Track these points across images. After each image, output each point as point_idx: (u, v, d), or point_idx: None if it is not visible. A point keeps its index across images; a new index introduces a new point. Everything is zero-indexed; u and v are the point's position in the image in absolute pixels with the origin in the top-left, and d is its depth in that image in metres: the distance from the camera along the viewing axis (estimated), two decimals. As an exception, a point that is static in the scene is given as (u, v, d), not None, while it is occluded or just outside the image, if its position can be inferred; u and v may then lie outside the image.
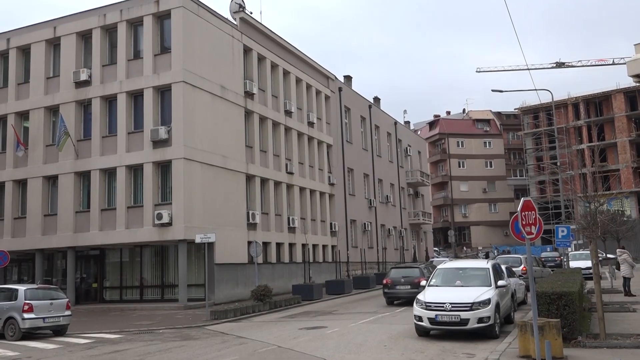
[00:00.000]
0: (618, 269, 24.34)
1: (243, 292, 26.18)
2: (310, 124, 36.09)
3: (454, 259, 31.07)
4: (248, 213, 28.46)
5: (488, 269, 14.70)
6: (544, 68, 76.33)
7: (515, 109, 77.87)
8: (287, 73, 34.22)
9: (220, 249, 25.51)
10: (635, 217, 57.29)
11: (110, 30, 27.43)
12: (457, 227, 75.69)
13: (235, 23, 30.08)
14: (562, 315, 11.60)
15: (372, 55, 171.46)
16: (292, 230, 32.64)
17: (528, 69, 62.67)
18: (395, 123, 52.01)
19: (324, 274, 33.85)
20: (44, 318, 17.09)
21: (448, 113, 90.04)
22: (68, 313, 17.81)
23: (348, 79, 45.61)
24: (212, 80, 26.89)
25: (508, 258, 27.43)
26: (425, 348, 12.37)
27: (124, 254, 27.89)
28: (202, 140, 25.83)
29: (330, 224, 37.12)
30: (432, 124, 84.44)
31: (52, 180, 28.00)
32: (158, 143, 25.10)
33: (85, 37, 28.01)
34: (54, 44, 28.77)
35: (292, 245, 32.78)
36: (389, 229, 47.30)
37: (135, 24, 26.92)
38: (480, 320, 12.92)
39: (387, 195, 47.46)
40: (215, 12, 28.16)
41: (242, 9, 30.74)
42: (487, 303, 13.07)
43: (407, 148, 54.11)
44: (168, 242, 25.45)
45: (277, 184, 31.93)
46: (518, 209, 10.33)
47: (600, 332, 12.01)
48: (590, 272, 17.16)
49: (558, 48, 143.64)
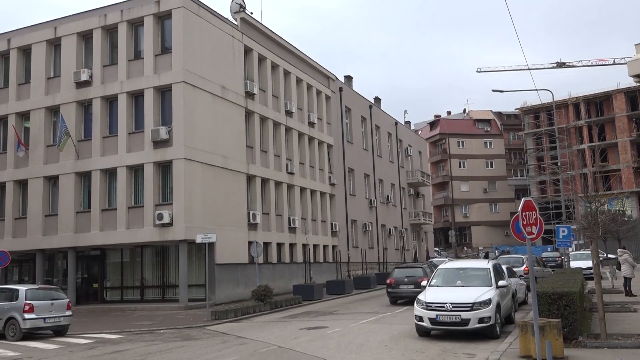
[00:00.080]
0: (619, 269, 24.31)
1: (244, 292, 26.20)
2: (311, 124, 36.10)
3: (454, 259, 31.00)
4: (249, 213, 28.47)
5: (489, 269, 14.70)
6: (545, 68, 76.36)
7: (516, 109, 77.85)
8: (287, 73, 34.23)
9: (221, 249, 25.52)
10: (636, 217, 57.24)
11: (111, 31, 27.45)
12: (457, 227, 75.63)
13: (236, 23, 30.09)
14: (563, 316, 11.60)
15: (372, 55, 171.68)
16: (292, 231, 32.65)
17: (529, 69, 62.66)
18: (396, 123, 52.00)
19: (325, 274, 33.86)
20: (45, 318, 17.10)
21: (449, 113, 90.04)
22: (69, 313, 17.83)
23: (349, 79, 45.61)
24: (212, 81, 26.90)
25: (509, 258, 27.44)
26: (426, 348, 12.37)
27: (125, 254, 27.91)
28: (202, 141, 25.84)
29: (331, 224, 37.12)
30: (432, 124, 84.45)
31: (52, 181, 28.01)
32: (159, 143, 25.12)
33: (86, 37, 28.03)
34: (55, 44, 28.79)
35: (292, 246, 32.79)
36: (390, 229, 47.29)
37: (136, 24, 26.94)
38: (481, 321, 12.91)
39: (387, 196, 47.45)
40: (216, 12, 28.17)
41: (242, 9, 30.74)
42: (487, 303, 13.06)
43: (407, 148, 54.11)
44: (169, 242, 25.47)
45: (277, 184, 31.94)
46: (519, 209, 10.33)
47: (601, 332, 12.00)
48: (591, 272, 17.15)
49: (558, 49, 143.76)
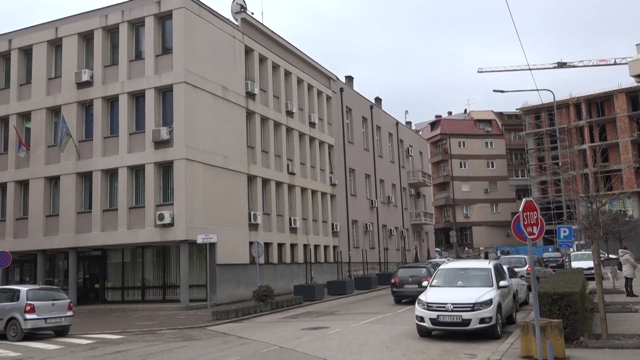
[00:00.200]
0: (620, 270, 24.29)
1: (245, 292, 26.20)
2: (312, 125, 36.10)
3: (453, 259, 30.99)
4: (249, 213, 28.47)
5: (490, 270, 14.68)
6: (546, 68, 76.23)
7: (517, 109, 77.74)
8: (288, 74, 34.23)
9: (222, 250, 25.52)
10: (638, 217, 57.20)
11: (112, 31, 27.47)
12: (458, 227, 75.60)
13: (237, 24, 30.09)
14: (564, 316, 11.60)
15: (372, 56, 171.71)
16: (293, 231, 32.65)
17: (529, 69, 62.55)
18: (397, 123, 51.98)
19: (326, 275, 33.85)
20: (46, 319, 17.12)
21: (449, 113, 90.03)
22: (70, 314, 17.83)
23: (349, 80, 45.60)
24: (213, 81, 26.91)
25: (511, 258, 27.42)
26: (427, 348, 12.36)
27: (126, 255, 27.94)
28: (203, 141, 25.85)
29: (332, 225, 37.12)
30: (433, 125, 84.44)
31: (53, 181, 28.03)
32: (159, 144, 25.12)
33: (87, 37, 28.05)
34: (56, 45, 28.81)
35: (293, 246, 32.78)
36: (391, 230, 47.28)
37: (137, 25, 26.95)
38: (482, 321, 12.89)
39: (388, 196, 47.44)
40: (217, 12, 28.18)
41: (243, 10, 30.74)
42: (489, 303, 13.05)
43: (408, 148, 54.09)
44: (170, 242, 25.48)
45: (278, 185, 31.94)
46: (520, 210, 10.32)
47: (603, 332, 11.99)
48: (592, 272, 17.14)
49: (558, 49, 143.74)
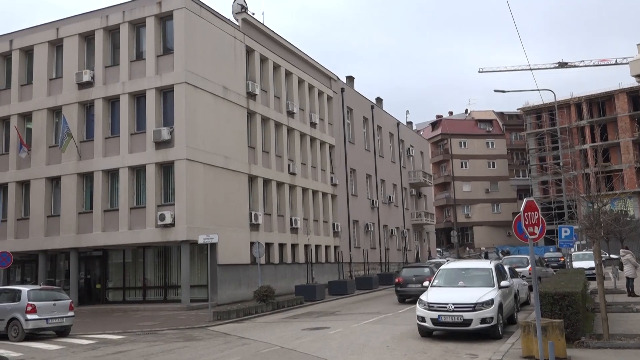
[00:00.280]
0: (621, 270, 24.28)
1: (246, 292, 26.21)
2: (313, 125, 36.10)
3: (454, 260, 30.94)
4: (250, 214, 28.47)
5: (491, 270, 14.66)
6: (547, 68, 76.17)
7: (518, 109, 77.68)
8: (289, 74, 34.24)
9: (223, 250, 25.52)
10: (639, 217, 57.12)
11: (113, 32, 27.49)
12: (459, 227, 75.57)
13: (238, 24, 30.08)
14: (565, 316, 11.59)
15: (372, 56, 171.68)
16: (294, 231, 32.65)
17: (530, 69, 62.50)
18: (398, 123, 51.96)
19: (327, 275, 33.85)
20: (47, 319, 17.12)
21: (450, 113, 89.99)
22: (71, 314, 17.84)
23: (350, 80, 45.59)
24: (214, 81, 26.91)
25: (512, 258, 27.43)
26: (428, 348, 12.35)
27: (127, 255, 27.96)
28: (204, 141, 25.85)
29: (333, 225, 37.12)
30: (434, 125, 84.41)
31: (55, 182, 28.05)
32: (160, 144, 25.14)
33: (88, 38, 28.07)
34: (57, 46, 28.83)
35: (294, 246, 32.78)
36: (392, 230, 47.27)
37: (138, 25, 26.97)
38: (483, 321, 12.89)
39: (389, 196, 47.42)
40: (218, 13, 28.19)
41: (244, 10, 30.73)
42: (490, 303, 13.04)
43: (409, 148, 54.07)
44: (171, 243, 25.49)
45: (279, 185, 31.95)
46: (521, 210, 10.31)
47: (604, 332, 11.98)
48: (594, 272, 17.11)
49: (558, 49, 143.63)
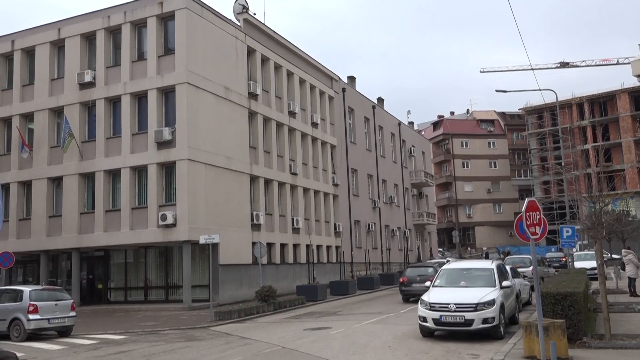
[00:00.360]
0: (623, 270, 24.22)
1: (247, 293, 26.22)
2: (314, 125, 36.10)
3: (454, 260, 30.88)
4: (252, 214, 28.48)
5: (492, 270, 14.64)
6: (548, 68, 76.11)
7: (520, 109, 77.60)
8: (290, 74, 34.24)
9: (224, 250, 25.53)
10: (641, 217, 57.03)
11: (115, 32, 27.51)
12: (461, 227, 75.53)
13: (239, 24, 30.09)
14: (567, 316, 11.58)
15: (372, 56, 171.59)
16: (296, 231, 32.65)
17: (532, 69, 62.51)
18: (399, 124, 51.95)
19: (328, 275, 33.84)
20: (49, 319, 17.14)
21: (452, 113, 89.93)
22: (73, 314, 17.86)
23: (352, 80, 45.58)
24: (215, 82, 26.93)
25: (515, 259, 27.47)
26: (430, 349, 12.35)
27: (129, 255, 27.97)
28: (205, 142, 25.86)
29: (334, 225, 37.11)
30: (436, 125, 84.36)
31: (56, 182, 28.08)
32: (162, 144, 25.15)
33: (90, 38, 28.10)
34: (59, 46, 28.86)
35: (296, 246, 32.78)
36: (393, 230, 47.26)
37: (139, 26, 26.98)
38: (485, 321, 12.88)
39: (391, 196, 47.40)
40: (219, 13, 28.20)
41: (245, 10, 30.74)
42: (491, 304, 13.03)
43: (411, 148, 54.06)
44: (172, 243, 25.50)
45: (281, 185, 31.95)
46: (522, 210, 10.29)
47: (606, 332, 11.96)
48: (596, 272, 17.09)
49: (558, 49, 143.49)
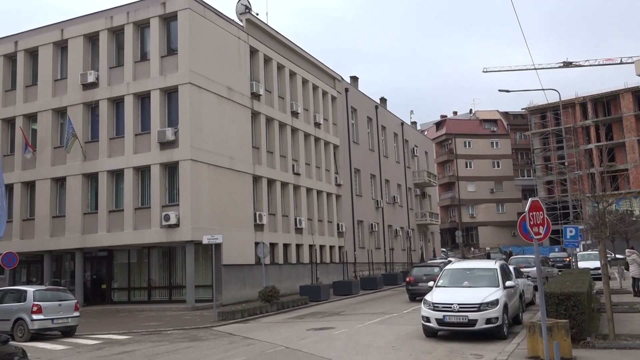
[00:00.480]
0: (627, 270, 24.18)
1: (250, 293, 26.22)
2: (317, 125, 36.09)
3: (457, 260, 30.83)
4: (255, 214, 28.49)
5: (496, 270, 14.63)
6: (551, 68, 75.96)
7: (523, 109, 77.50)
8: (293, 74, 34.25)
9: (228, 250, 25.55)
10: (644, 217, 56.87)
11: (117, 33, 27.55)
12: (464, 227, 75.46)
13: (242, 24, 30.12)
14: (570, 316, 11.55)
15: (374, 56, 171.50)
16: (299, 231, 32.66)
17: (535, 69, 62.38)
18: (402, 123, 51.90)
19: (331, 275, 33.83)
20: (53, 319, 17.18)
21: (455, 113, 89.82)
22: (76, 314, 17.89)
23: (354, 80, 45.55)
24: (218, 82, 26.95)
25: (519, 259, 27.50)
26: (433, 349, 12.34)
27: (132, 255, 28.01)
28: (208, 142, 25.89)
29: (337, 225, 37.10)
30: (439, 125, 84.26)
31: (60, 182, 28.14)
32: (165, 144, 25.18)
33: (93, 39, 28.14)
34: (62, 47, 28.92)
35: (299, 246, 32.79)
36: (396, 230, 47.23)
37: (142, 26, 27.02)
38: (489, 321, 12.86)
39: (394, 196, 47.37)
40: (222, 13, 28.23)
41: (248, 11, 30.75)
42: (495, 304, 13.01)
43: (414, 148, 54.02)
44: (175, 243, 25.52)
45: (284, 185, 31.96)
46: (526, 209, 10.28)
47: (610, 332, 11.94)
48: (599, 272, 17.07)
49: (559, 49, 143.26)
